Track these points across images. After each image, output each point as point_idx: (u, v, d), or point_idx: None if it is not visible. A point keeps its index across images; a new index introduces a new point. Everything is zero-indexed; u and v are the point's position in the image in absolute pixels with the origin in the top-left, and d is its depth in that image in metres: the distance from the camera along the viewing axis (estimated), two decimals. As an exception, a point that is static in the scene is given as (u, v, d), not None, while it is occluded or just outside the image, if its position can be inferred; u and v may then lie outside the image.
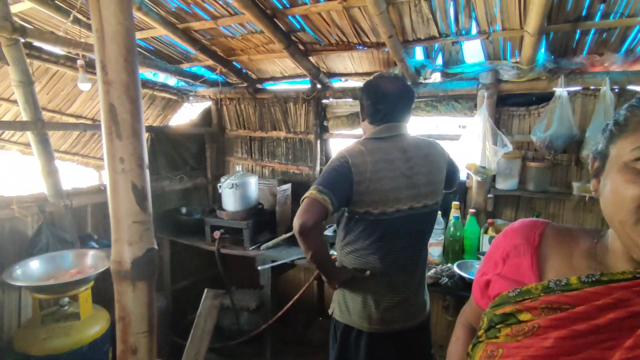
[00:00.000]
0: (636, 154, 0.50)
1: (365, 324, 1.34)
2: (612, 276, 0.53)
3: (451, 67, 2.21)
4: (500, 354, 0.57)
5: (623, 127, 0.53)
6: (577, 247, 0.63)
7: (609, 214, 0.54)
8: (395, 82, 1.36)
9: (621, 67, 1.84)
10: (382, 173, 1.27)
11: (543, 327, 0.54)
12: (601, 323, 0.51)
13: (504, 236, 0.72)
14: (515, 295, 0.60)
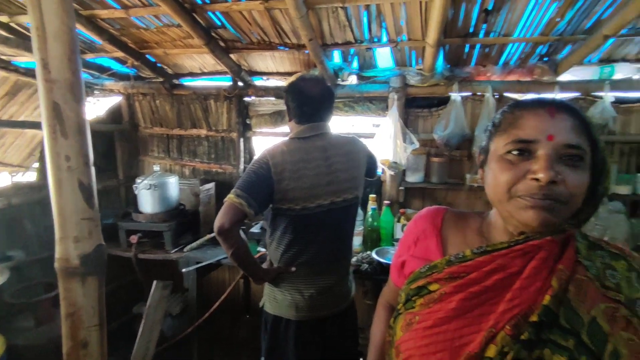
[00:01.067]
0: (507, 148, 0.63)
1: (293, 313, 1.41)
2: (494, 247, 0.66)
3: (366, 70, 2.39)
4: (417, 320, 0.67)
5: (498, 127, 0.66)
6: (469, 226, 0.77)
7: (491, 196, 0.67)
8: (317, 84, 1.44)
9: (500, 77, 2.20)
10: (302, 172, 1.35)
11: (448, 293, 0.66)
12: (489, 284, 0.63)
13: (414, 222, 0.83)
14: (425, 270, 0.71)
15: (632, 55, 2.04)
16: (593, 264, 0.63)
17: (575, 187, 0.59)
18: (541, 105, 0.62)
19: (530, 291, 0.60)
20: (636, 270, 0.63)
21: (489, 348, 0.58)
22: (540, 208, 0.59)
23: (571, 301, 0.59)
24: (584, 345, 0.56)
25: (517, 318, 0.58)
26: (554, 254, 0.62)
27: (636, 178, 2.11)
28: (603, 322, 0.57)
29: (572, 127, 0.60)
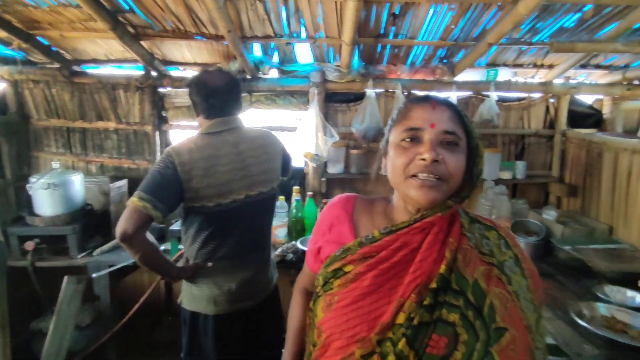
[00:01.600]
0: (401, 136, 0.73)
1: (211, 308, 1.38)
2: (397, 226, 0.75)
3: (286, 65, 2.43)
4: (336, 300, 0.72)
5: (395, 120, 0.77)
6: (377, 210, 0.84)
7: (391, 179, 0.76)
8: (223, 76, 1.41)
9: (408, 76, 2.42)
10: (214, 168, 1.32)
11: (362, 272, 0.72)
12: (396, 260, 0.71)
13: (328, 210, 0.89)
14: (340, 253, 0.77)
15: (510, 61, 2.42)
16: (473, 235, 0.75)
17: (453, 167, 0.70)
18: (426, 100, 0.75)
19: (429, 262, 0.69)
20: (503, 238, 0.77)
21: (399, 316, 0.66)
22: (427, 187, 0.69)
23: (459, 268, 0.70)
24: (470, 302, 0.67)
25: (420, 287, 0.67)
26: (444, 229, 0.73)
27: (515, 165, 2.51)
28: (482, 282, 0.69)
29: (449, 117, 0.73)
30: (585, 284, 1.73)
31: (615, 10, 1.79)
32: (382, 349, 0.65)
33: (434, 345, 0.63)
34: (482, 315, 0.66)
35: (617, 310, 1.42)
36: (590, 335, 1.30)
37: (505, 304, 0.68)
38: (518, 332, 0.66)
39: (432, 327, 0.65)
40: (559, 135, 2.53)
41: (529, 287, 0.74)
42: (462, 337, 0.64)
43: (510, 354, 0.64)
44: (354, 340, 0.68)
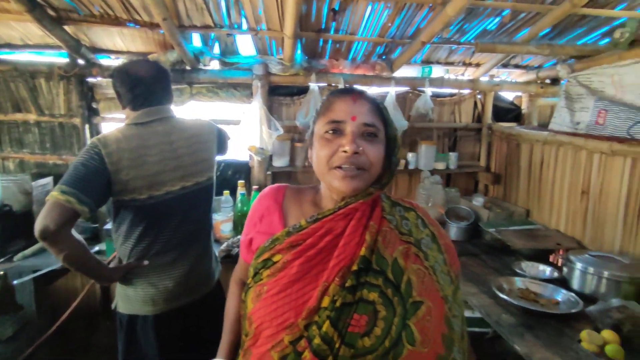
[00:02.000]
0: (325, 129, 0.77)
1: (149, 308, 1.33)
2: (323, 214, 0.78)
3: (228, 56, 2.38)
4: (266, 290, 0.74)
5: (319, 113, 0.80)
6: (306, 199, 0.87)
7: (316, 170, 0.80)
8: (148, 65, 1.36)
9: (349, 71, 2.50)
10: (142, 159, 1.26)
11: (289, 261, 0.74)
12: (322, 246, 0.74)
13: (259, 201, 0.90)
14: (269, 244, 0.78)
15: (442, 59, 2.59)
16: (394, 217, 0.81)
17: (373, 157, 0.75)
18: (347, 93, 0.79)
19: (352, 246, 0.73)
20: (421, 218, 0.84)
21: (324, 299, 0.69)
22: (350, 177, 0.74)
23: (380, 249, 0.74)
24: (389, 280, 0.72)
25: (343, 270, 0.71)
26: (367, 213, 0.78)
27: (448, 157, 2.71)
28: (401, 260, 0.74)
29: (369, 110, 0.77)
30: (505, 261, 1.93)
31: (528, 17, 2.00)
32: (309, 332, 0.67)
33: (355, 324, 0.67)
34: (400, 291, 0.71)
35: (531, 282, 1.62)
36: (509, 306, 1.47)
37: (422, 279, 0.74)
38: (434, 304, 0.73)
39: (354, 307, 0.68)
40: (485, 128, 2.77)
41: (446, 261, 0.81)
42: (381, 313, 0.68)
43: (426, 324, 0.69)
44: (283, 327, 0.69)
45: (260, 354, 0.71)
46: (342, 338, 0.66)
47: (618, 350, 1.14)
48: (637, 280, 1.46)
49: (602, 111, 1.92)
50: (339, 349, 0.65)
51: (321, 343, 0.66)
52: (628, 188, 1.69)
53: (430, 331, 0.70)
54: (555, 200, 2.15)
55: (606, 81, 1.93)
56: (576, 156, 1.98)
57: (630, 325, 1.21)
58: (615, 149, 1.73)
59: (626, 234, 1.71)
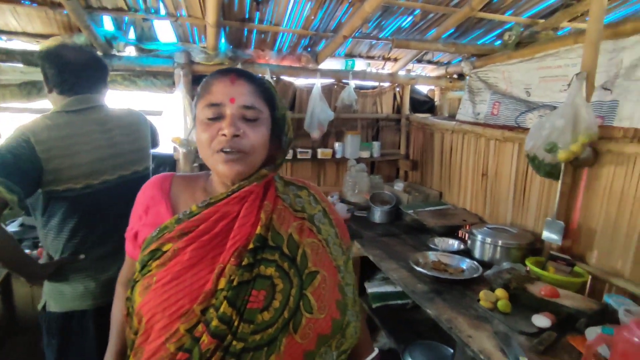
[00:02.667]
0: (204, 112, 0.73)
1: (89, 302, 1.28)
2: (216, 198, 0.75)
3: (145, 43, 2.24)
4: (155, 280, 0.70)
5: (199, 95, 0.76)
6: (197, 186, 0.84)
7: (201, 155, 0.77)
8: (80, 52, 1.32)
9: (276, 62, 2.52)
10: (76, 147, 1.22)
11: (181, 248, 0.71)
12: (217, 230, 0.72)
13: (142, 192, 0.85)
14: (156, 234, 0.74)
15: (364, 53, 2.73)
16: (288, 196, 0.83)
17: (254, 140, 0.74)
18: (225, 74, 0.75)
19: (247, 226, 0.73)
20: (313, 195, 0.88)
21: (220, 281, 0.68)
22: (232, 161, 0.72)
23: (275, 226, 0.75)
24: (285, 254, 0.74)
25: (239, 249, 0.70)
26: (261, 195, 0.78)
27: (372, 145, 2.89)
28: (296, 235, 0.77)
29: (250, 91, 0.74)
30: (422, 239, 2.15)
31: (436, 17, 2.21)
32: (206, 316, 0.66)
33: (253, 300, 0.67)
34: (296, 264, 0.74)
35: (442, 255, 1.83)
36: (423, 277, 1.65)
37: (316, 251, 0.78)
38: (328, 273, 0.77)
39: (252, 284, 0.69)
40: (404, 119, 3.01)
41: (337, 234, 0.87)
42: (279, 286, 0.70)
43: (321, 292, 0.74)
44: (177, 316, 0.67)
45: (154, 349, 0.67)
46: (241, 315, 0.66)
47: (506, 304, 1.36)
48: (523, 247, 1.74)
49: (496, 103, 2.21)
50: (238, 327, 0.66)
51: (219, 324, 0.65)
52: (516, 169, 1.99)
53: (326, 298, 0.74)
54: (462, 182, 2.43)
55: (499, 77, 2.22)
56: (477, 143, 2.26)
57: (515, 283, 1.45)
58: (507, 136, 2.01)
59: (515, 208, 2.01)
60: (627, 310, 1.21)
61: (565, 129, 1.49)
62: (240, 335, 0.65)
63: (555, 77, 1.84)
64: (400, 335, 1.97)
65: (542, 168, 1.66)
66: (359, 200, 2.69)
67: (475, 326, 1.29)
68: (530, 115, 1.97)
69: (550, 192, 1.78)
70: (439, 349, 1.85)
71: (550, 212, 1.71)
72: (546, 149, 1.56)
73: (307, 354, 0.71)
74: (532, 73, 1.98)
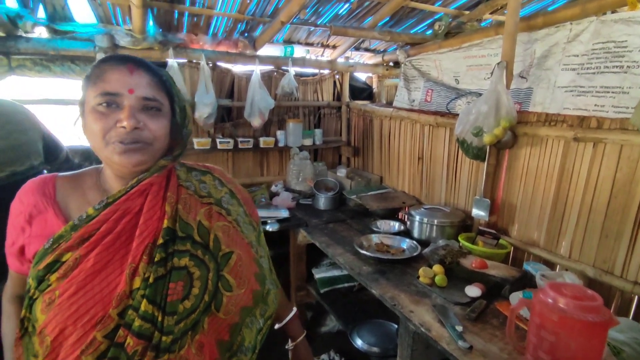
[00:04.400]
0: (97, 100, 0.67)
1: None
2: (114, 197, 0.71)
3: (59, 23, 2.00)
4: (58, 294, 0.64)
5: (89, 79, 0.69)
6: (87, 184, 0.77)
7: (93, 147, 0.70)
8: None
9: (211, 47, 2.39)
10: None
11: (83, 255, 0.66)
12: (119, 229, 0.69)
13: (19, 199, 0.75)
14: (50, 245, 0.68)
15: (303, 40, 2.71)
16: (191, 183, 0.81)
17: (155, 131, 0.71)
18: (122, 61, 0.69)
19: (154, 221, 0.71)
20: (218, 179, 0.87)
21: (135, 281, 0.66)
22: (131, 151, 0.68)
23: (182, 216, 0.74)
24: (197, 242, 0.74)
25: (149, 247, 0.68)
26: (163, 185, 0.75)
27: (314, 133, 2.90)
28: (205, 221, 0.77)
29: (149, 83, 0.70)
30: (366, 222, 2.23)
31: (372, 5, 2.25)
32: (126, 319, 0.64)
33: (172, 293, 0.67)
34: (209, 249, 0.75)
35: (384, 237, 1.91)
36: (367, 259, 1.72)
37: (227, 232, 0.79)
38: (242, 251, 0.80)
39: (168, 277, 0.68)
40: (344, 106, 3.05)
41: (246, 212, 0.88)
42: (196, 274, 0.71)
43: (238, 270, 0.77)
44: (92, 325, 0.63)
45: None
46: (163, 309, 0.66)
47: (443, 279, 1.47)
48: (455, 224, 1.88)
49: (429, 90, 2.33)
50: (163, 321, 0.65)
51: (142, 323, 0.64)
52: (448, 152, 2.13)
53: (244, 274, 0.78)
54: (400, 166, 2.54)
55: (431, 65, 2.34)
56: (413, 128, 2.38)
57: (450, 258, 1.57)
58: (439, 122, 2.14)
59: (448, 188, 2.16)
60: (543, 275, 1.37)
61: (489, 114, 1.63)
62: (167, 329, 0.65)
63: (480, 66, 1.98)
64: (348, 316, 2.05)
65: (470, 151, 1.79)
66: (303, 188, 2.71)
67: (416, 301, 1.37)
68: (459, 101, 2.11)
69: (478, 172, 1.94)
70: (384, 326, 1.95)
71: (478, 191, 1.87)
72: (473, 133, 1.69)
73: (232, 327, 0.76)
74: (460, 62, 2.11)
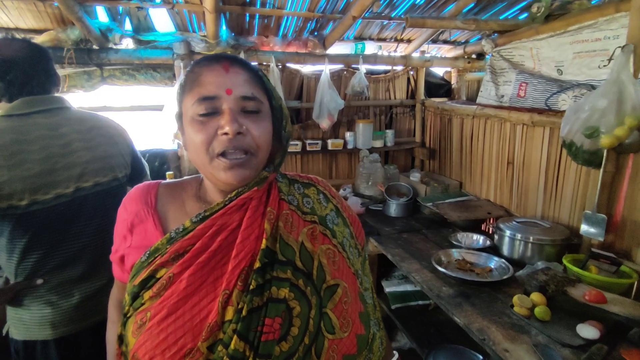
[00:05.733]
0: (195, 108, 0.61)
1: (48, 332, 1.13)
2: (212, 210, 0.64)
3: (143, 34, 2.12)
4: (150, 317, 0.59)
5: (184, 88, 0.65)
6: (187, 194, 0.73)
7: (194, 160, 0.65)
8: (20, 44, 1.12)
9: (281, 48, 2.36)
10: (20, 156, 1.05)
11: (177, 274, 0.60)
12: (215, 248, 0.61)
13: (124, 207, 0.73)
14: (146, 259, 0.64)
15: (375, 35, 2.55)
16: (294, 197, 0.71)
17: (259, 137, 0.63)
18: (216, 60, 0.63)
19: (251, 240, 0.62)
20: (322, 192, 0.76)
21: (227, 311, 0.57)
22: (237, 166, 0.62)
23: (282, 236, 0.64)
24: (299, 269, 0.62)
25: (245, 270, 0.59)
26: (263, 200, 0.67)
27: (385, 134, 2.72)
28: (308, 242, 0.66)
29: (246, 80, 0.63)
30: (444, 234, 2.00)
31: (455, -9, 2.01)
32: (215, 355, 0.56)
33: (268, 331, 0.57)
34: (312, 279, 0.63)
35: (466, 252, 1.68)
36: (447, 278, 1.51)
37: (333, 259, 0.67)
38: (348, 282, 0.67)
39: (264, 310, 0.58)
40: (419, 104, 2.82)
41: (353, 234, 0.76)
42: (296, 310, 0.60)
43: (343, 307, 0.64)
44: (181, 356, 0.56)
45: None
46: (256, 350, 0.56)
47: (545, 311, 1.22)
48: (558, 242, 1.58)
49: (523, 84, 2.02)
50: None
51: None
52: (547, 157, 1.81)
53: (349, 313, 0.65)
54: (485, 171, 2.25)
55: (525, 55, 2.02)
56: (502, 128, 2.08)
57: (553, 285, 1.30)
58: (536, 120, 1.83)
59: (546, 199, 1.84)
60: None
61: (608, 111, 1.32)
62: None
63: (592, 52, 1.64)
64: (423, 338, 1.85)
65: (580, 155, 1.48)
66: (373, 192, 2.55)
67: (511, 337, 1.15)
68: (563, 96, 1.77)
69: (589, 181, 1.60)
70: (466, 355, 1.72)
71: (589, 204, 1.54)
72: (585, 134, 1.39)
73: None
74: (564, 48, 1.78)
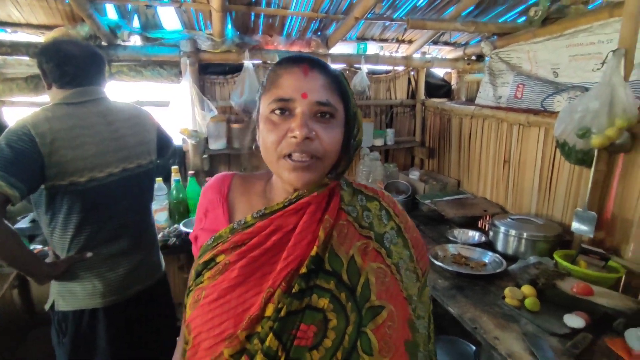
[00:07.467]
0: (270, 108, 0.63)
1: (98, 301, 1.27)
2: (272, 209, 0.67)
3: (150, 31, 2.17)
4: (203, 295, 0.64)
5: (265, 87, 0.66)
6: (255, 189, 0.76)
7: (264, 158, 0.67)
8: (79, 44, 1.30)
9: (285, 47, 2.41)
10: (81, 139, 1.20)
11: (232, 262, 0.64)
12: (268, 246, 0.64)
13: (203, 194, 0.79)
14: (211, 242, 0.68)
15: (376, 36, 2.60)
16: (354, 208, 0.71)
17: (328, 143, 0.63)
18: (297, 63, 0.64)
19: (303, 245, 0.63)
20: (385, 209, 0.74)
21: (268, 307, 0.59)
22: (301, 169, 0.63)
23: (334, 246, 0.64)
24: (343, 283, 0.62)
25: (291, 273, 0.61)
26: (322, 206, 0.67)
27: (386, 133, 2.78)
28: (358, 257, 0.65)
29: (323, 85, 0.63)
30: (441, 230, 2.06)
31: (455, -7, 2.07)
32: (251, 346, 0.58)
33: (302, 336, 0.58)
34: (355, 295, 0.62)
35: (462, 247, 1.74)
36: (443, 271, 1.57)
37: (382, 279, 0.66)
38: (396, 307, 0.65)
39: (301, 316, 0.59)
40: (419, 104, 2.88)
41: (412, 257, 0.73)
42: (332, 322, 0.59)
43: (386, 331, 0.62)
44: (222, 338, 0.60)
45: None
46: (287, 352, 0.57)
47: (535, 302, 1.27)
48: (550, 239, 1.63)
49: (520, 85, 2.07)
50: None
51: (264, 359, 0.57)
52: (542, 156, 1.86)
53: (392, 338, 0.62)
54: (482, 170, 2.31)
55: (523, 57, 2.08)
56: (499, 128, 2.13)
57: (544, 279, 1.35)
58: (531, 121, 1.88)
59: (540, 197, 1.89)
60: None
61: (600, 112, 1.37)
62: None
63: (587, 55, 1.69)
64: (418, 330, 1.91)
65: (572, 155, 1.54)
66: (373, 190, 2.60)
67: (502, 326, 1.20)
68: (558, 97, 1.83)
69: (581, 180, 1.66)
70: (460, 345, 1.78)
71: (581, 202, 1.59)
72: (578, 134, 1.44)
73: None
74: (560, 52, 1.83)
